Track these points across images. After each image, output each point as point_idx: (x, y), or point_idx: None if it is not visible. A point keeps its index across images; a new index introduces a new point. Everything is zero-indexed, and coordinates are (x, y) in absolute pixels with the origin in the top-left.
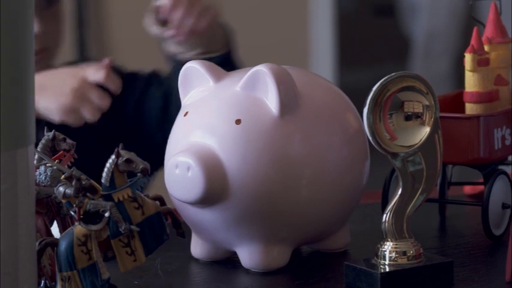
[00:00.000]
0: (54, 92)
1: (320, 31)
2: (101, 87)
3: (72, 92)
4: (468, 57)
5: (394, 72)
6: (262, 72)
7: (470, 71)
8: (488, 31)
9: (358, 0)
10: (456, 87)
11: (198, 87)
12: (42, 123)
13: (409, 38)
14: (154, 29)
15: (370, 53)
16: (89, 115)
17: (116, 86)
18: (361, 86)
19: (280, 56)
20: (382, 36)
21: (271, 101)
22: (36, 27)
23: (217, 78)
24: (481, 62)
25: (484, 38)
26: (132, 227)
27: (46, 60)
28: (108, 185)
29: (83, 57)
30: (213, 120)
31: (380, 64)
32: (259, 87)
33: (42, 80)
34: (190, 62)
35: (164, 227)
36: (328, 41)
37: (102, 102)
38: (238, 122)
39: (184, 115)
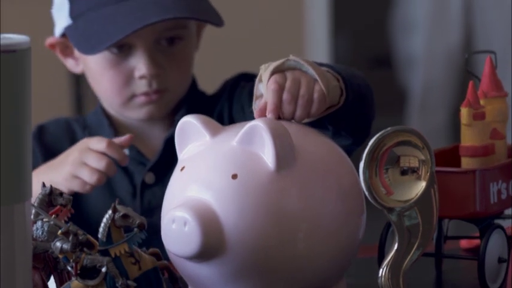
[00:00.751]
0: (58, 165)
1: None
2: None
3: (71, 161)
4: (464, 112)
5: (391, 124)
6: (259, 127)
7: (466, 125)
8: (484, 85)
9: (353, 50)
10: (453, 139)
11: (195, 142)
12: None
13: (405, 89)
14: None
15: None
16: (89, 178)
17: (120, 156)
18: None
19: None
20: (378, 88)
21: (267, 155)
22: (155, 67)
23: (214, 133)
24: (477, 116)
25: (479, 92)
26: (129, 282)
27: (165, 101)
28: (105, 240)
29: (80, 112)
30: (209, 174)
31: (376, 116)
32: (255, 141)
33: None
34: (186, 116)
35: (161, 282)
36: None
37: (101, 164)
38: (234, 176)
39: (181, 170)
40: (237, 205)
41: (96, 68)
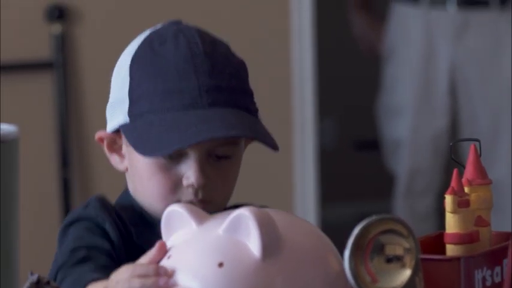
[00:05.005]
0: None
1: (302, 167)
2: None
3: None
4: (448, 199)
5: (378, 208)
6: (245, 216)
7: (451, 212)
8: (469, 173)
9: (339, 134)
10: (439, 224)
11: (181, 230)
12: None
13: (392, 173)
14: None
15: (352, 189)
16: None
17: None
18: (344, 222)
19: (264, 193)
20: (365, 172)
21: (253, 244)
22: (204, 178)
23: (200, 221)
24: (462, 204)
25: (464, 180)
26: None
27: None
28: None
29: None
30: (195, 263)
31: (362, 200)
32: (241, 230)
33: None
34: (172, 205)
35: None
36: (310, 176)
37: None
38: (221, 265)
39: (168, 258)
40: None
41: (144, 170)
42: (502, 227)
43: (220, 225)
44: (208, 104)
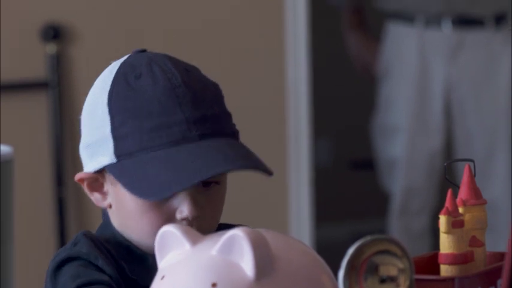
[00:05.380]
0: None
1: (297, 186)
2: None
3: None
4: (443, 219)
5: (373, 228)
6: (238, 237)
7: (445, 232)
8: (463, 193)
9: (334, 153)
10: (434, 243)
11: (175, 251)
12: None
13: (387, 193)
14: None
15: (347, 208)
16: None
17: None
18: (339, 241)
19: (259, 213)
20: (360, 191)
21: (246, 265)
22: (197, 209)
23: (194, 242)
24: (456, 224)
25: (458, 200)
26: None
27: None
28: None
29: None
30: (189, 284)
31: (358, 219)
32: (235, 251)
33: None
34: (166, 226)
35: None
36: (305, 196)
37: None
38: (214, 285)
39: (161, 279)
40: None
41: (135, 209)
42: (497, 247)
43: (214, 245)
44: (198, 136)
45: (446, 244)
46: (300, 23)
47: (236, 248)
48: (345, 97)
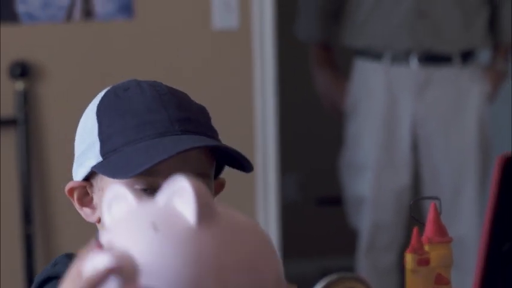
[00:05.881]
0: None
1: (264, 222)
2: None
3: None
4: (408, 258)
5: (341, 265)
6: (182, 186)
7: (411, 270)
8: (428, 231)
9: (301, 190)
10: (402, 280)
11: (121, 205)
12: None
13: (355, 229)
14: None
15: (315, 245)
16: None
17: None
18: (306, 278)
19: None
20: (328, 228)
21: (188, 210)
22: None
23: (140, 199)
24: (421, 262)
25: (424, 238)
26: None
27: None
28: None
29: (29, 257)
30: (132, 229)
31: (325, 256)
32: (178, 199)
33: None
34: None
35: None
36: (272, 232)
37: None
38: (156, 230)
39: (107, 232)
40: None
41: None
42: (464, 284)
43: (159, 196)
44: (180, 131)
45: (412, 282)
46: (268, 59)
47: (179, 196)
48: (313, 133)
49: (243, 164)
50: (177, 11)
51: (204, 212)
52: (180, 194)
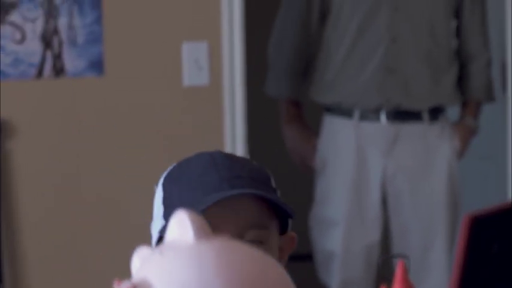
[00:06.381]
0: None
1: None
2: None
3: None
4: None
5: None
6: (181, 218)
7: None
8: None
9: None
10: None
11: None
12: None
13: (324, 286)
14: None
15: None
16: None
17: None
18: None
19: None
20: (297, 283)
21: (188, 234)
22: None
23: None
24: None
25: None
26: None
27: None
28: None
29: None
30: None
31: None
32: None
33: None
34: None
35: None
36: None
37: None
38: (161, 253)
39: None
40: None
41: None
42: None
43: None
44: (229, 186)
45: None
46: (238, 115)
47: (179, 226)
48: (282, 189)
49: (287, 211)
50: (148, 68)
51: (201, 231)
52: (179, 224)
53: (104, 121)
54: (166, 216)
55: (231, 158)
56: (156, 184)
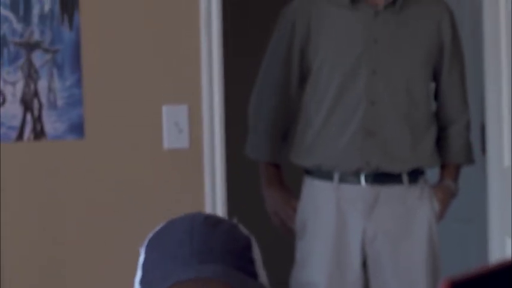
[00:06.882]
0: None
1: None
2: None
3: None
4: None
5: None
6: None
7: None
8: None
9: None
10: None
11: None
12: None
13: None
14: None
15: None
16: None
17: None
18: None
19: None
20: None
21: None
22: None
23: None
24: None
25: None
26: None
27: None
28: None
29: None
30: None
31: None
32: None
33: None
34: None
35: None
36: None
37: None
38: None
39: None
40: None
41: None
42: None
43: None
44: (197, 262)
45: None
46: (218, 177)
47: None
48: (262, 251)
49: None
50: (128, 130)
51: None
52: None
53: (85, 183)
54: (142, 282)
55: (211, 225)
56: (141, 246)
